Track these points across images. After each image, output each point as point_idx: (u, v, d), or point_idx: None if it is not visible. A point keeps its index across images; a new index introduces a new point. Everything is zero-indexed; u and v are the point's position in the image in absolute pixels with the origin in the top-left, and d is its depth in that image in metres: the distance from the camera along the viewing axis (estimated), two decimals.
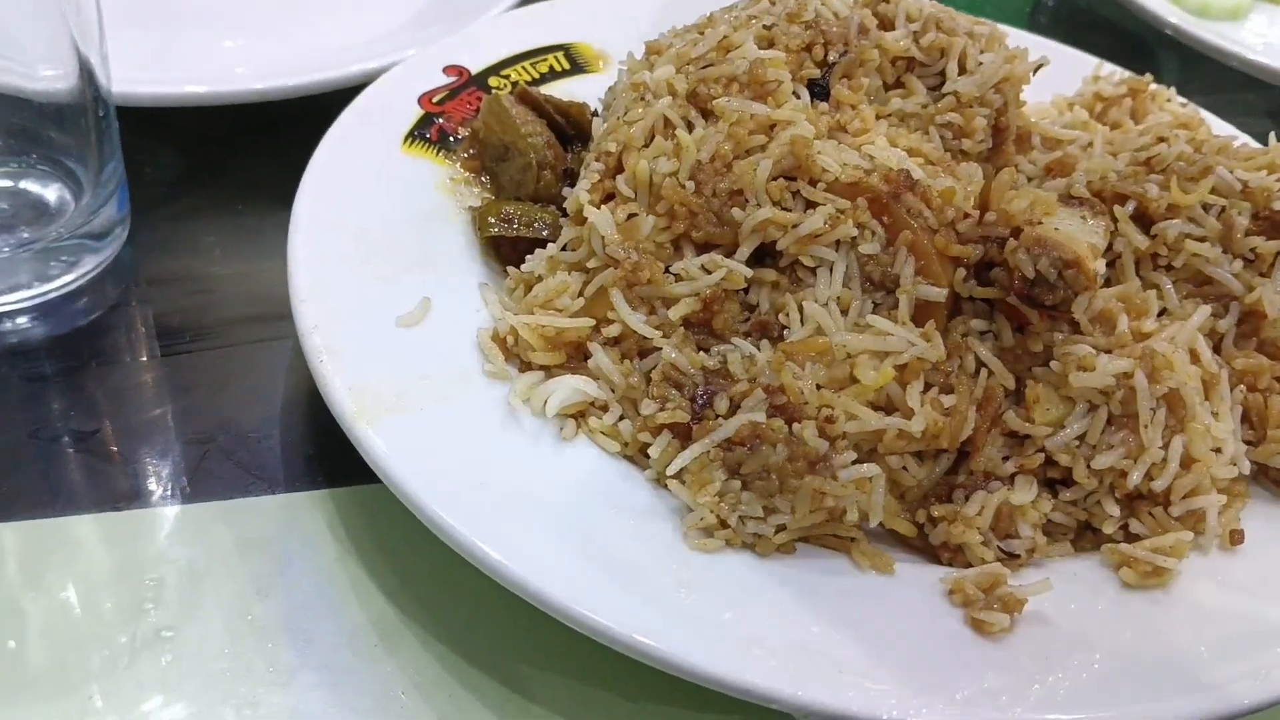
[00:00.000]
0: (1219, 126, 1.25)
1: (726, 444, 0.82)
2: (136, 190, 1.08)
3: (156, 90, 1.14)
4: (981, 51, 1.05)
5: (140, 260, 1.10)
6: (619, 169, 0.96)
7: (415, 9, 1.42)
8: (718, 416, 0.84)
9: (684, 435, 0.84)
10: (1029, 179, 1.06)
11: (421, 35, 1.29)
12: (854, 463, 0.81)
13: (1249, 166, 1.01)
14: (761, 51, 0.98)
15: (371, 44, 1.26)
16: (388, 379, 0.85)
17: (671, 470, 0.83)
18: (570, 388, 0.87)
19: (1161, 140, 1.07)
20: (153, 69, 1.18)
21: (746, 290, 0.92)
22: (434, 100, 1.11)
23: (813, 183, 0.91)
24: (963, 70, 1.04)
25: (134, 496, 0.89)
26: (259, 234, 1.13)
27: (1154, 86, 1.25)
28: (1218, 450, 0.89)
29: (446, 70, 1.15)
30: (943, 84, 1.04)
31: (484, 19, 1.29)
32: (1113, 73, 1.29)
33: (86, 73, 0.98)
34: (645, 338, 0.89)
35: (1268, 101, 1.62)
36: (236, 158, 1.23)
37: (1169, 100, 1.24)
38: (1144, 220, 0.99)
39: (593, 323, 0.90)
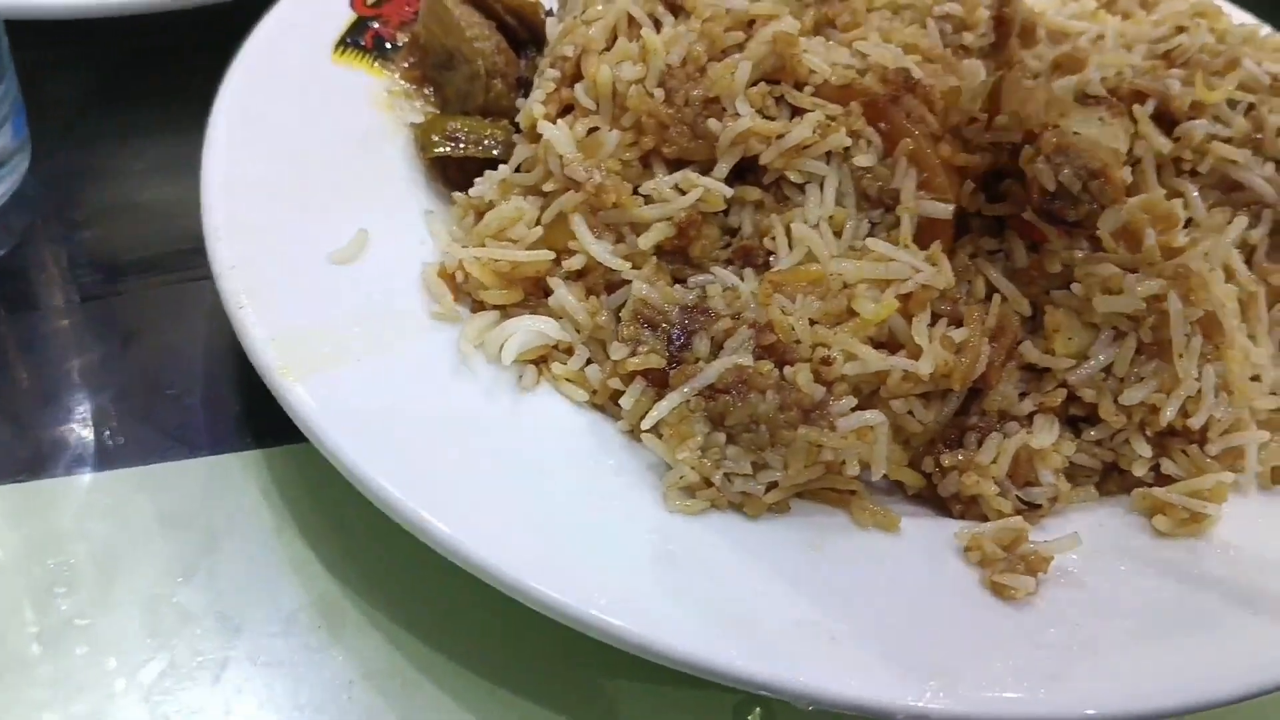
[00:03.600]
0: (1236, 16, 1.15)
1: (709, 391, 0.73)
2: (38, 114, 0.97)
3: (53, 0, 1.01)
4: None
5: (45, 192, 0.99)
6: (577, 76, 0.86)
7: None
8: (698, 360, 0.75)
9: (660, 382, 0.75)
10: (1035, 77, 0.96)
11: None
12: (854, 409, 0.72)
13: (1278, 58, 0.93)
14: None
15: None
16: (319, 325, 0.75)
17: (647, 423, 0.74)
18: (529, 330, 0.78)
19: (1181, 30, 0.98)
20: None
21: (726, 212, 0.83)
22: (367, 2, 1.00)
23: (799, 86, 0.83)
24: None
25: (39, 465, 0.79)
26: (177, 158, 1.01)
27: None
28: (1256, 379, 0.81)
29: None
30: None
31: None
32: None
33: None
34: (613, 270, 0.80)
35: None
36: (149, 75, 1.13)
37: None
38: (1165, 120, 0.90)
39: (553, 255, 0.81)
